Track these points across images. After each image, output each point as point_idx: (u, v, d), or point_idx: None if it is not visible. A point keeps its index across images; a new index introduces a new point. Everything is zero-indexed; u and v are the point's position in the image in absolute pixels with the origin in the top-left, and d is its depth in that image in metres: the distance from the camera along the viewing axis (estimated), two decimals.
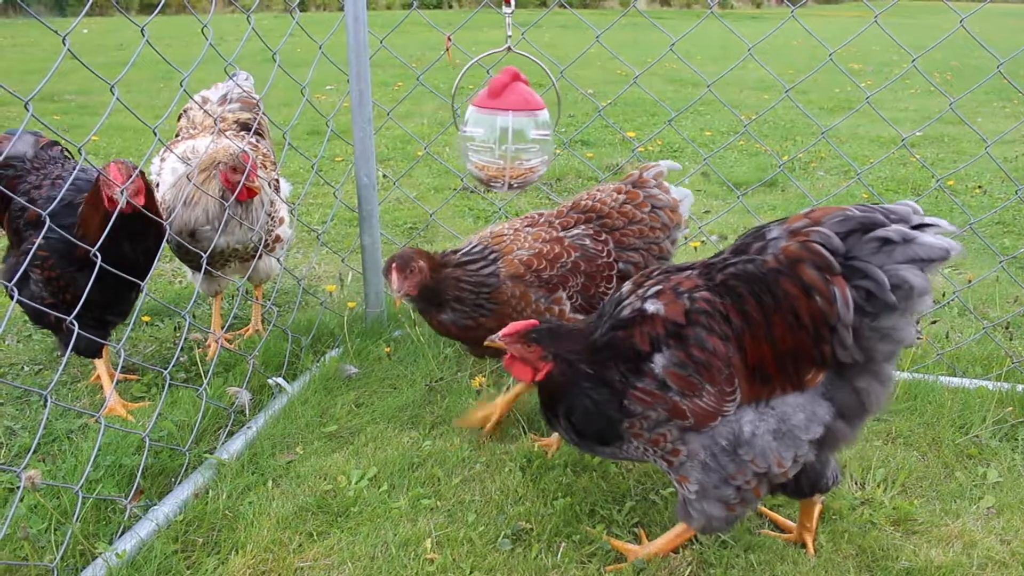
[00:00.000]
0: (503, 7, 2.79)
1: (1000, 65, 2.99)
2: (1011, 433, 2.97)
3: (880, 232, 1.82)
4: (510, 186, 2.76)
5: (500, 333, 2.21)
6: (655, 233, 2.85)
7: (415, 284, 2.64)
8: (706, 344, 1.96)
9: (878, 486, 2.68)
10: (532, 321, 2.22)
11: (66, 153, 3.39)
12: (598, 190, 2.93)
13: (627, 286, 2.17)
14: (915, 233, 1.82)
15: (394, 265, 2.62)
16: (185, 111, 3.90)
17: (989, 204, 5.93)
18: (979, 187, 6.46)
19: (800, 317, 1.89)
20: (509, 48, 2.86)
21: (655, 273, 2.15)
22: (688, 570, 2.32)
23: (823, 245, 1.85)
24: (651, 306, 2.04)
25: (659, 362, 2.01)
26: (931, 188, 4.94)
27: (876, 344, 1.89)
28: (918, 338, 1.97)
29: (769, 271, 1.92)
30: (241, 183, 3.22)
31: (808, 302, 1.88)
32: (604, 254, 2.78)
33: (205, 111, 3.68)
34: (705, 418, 2.00)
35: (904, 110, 10.07)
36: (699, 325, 1.97)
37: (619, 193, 2.88)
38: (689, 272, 2.08)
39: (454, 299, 2.69)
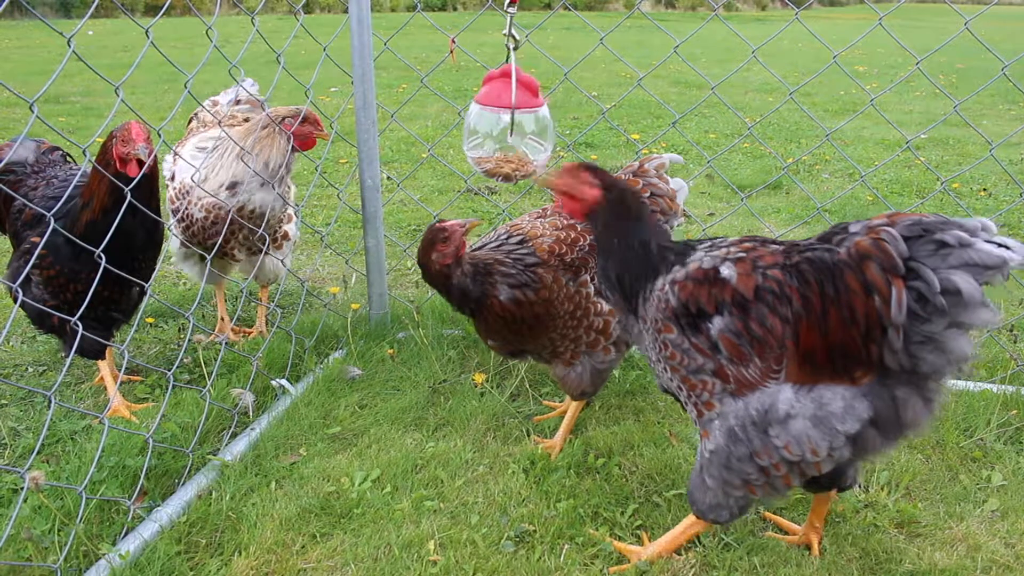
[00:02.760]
0: (507, 6, 2.75)
1: (1005, 67, 2.99)
2: (1015, 436, 2.96)
3: (938, 235, 1.83)
4: (507, 177, 2.76)
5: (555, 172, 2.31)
6: (655, 216, 2.88)
7: (457, 249, 2.58)
8: (766, 321, 1.99)
9: (882, 489, 2.67)
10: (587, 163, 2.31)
11: (67, 157, 3.41)
12: None
13: (731, 239, 2.20)
14: (972, 239, 1.81)
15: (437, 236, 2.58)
16: (195, 114, 3.94)
17: (994, 207, 5.91)
18: (984, 190, 6.44)
19: (855, 314, 1.90)
20: (512, 48, 2.83)
21: (751, 239, 2.17)
22: (691, 572, 2.32)
23: (892, 246, 1.85)
24: (726, 270, 2.06)
25: (717, 324, 2.03)
26: (936, 190, 4.93)
27: (924, 353, 1.88)
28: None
29: (838, 263, 1.94)
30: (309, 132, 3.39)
31: (866, 300, 1.88)
32: None
33: (210, 112, 3.70)
34: (745, 386, 2.03)
35: (909, 112, 10.05)
36: (764, 303, 1.99)
37: None
38: (775, 248, 2.10)
39: (501, 274, 2.64)
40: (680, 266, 2.14)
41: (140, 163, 2.76)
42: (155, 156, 2.84)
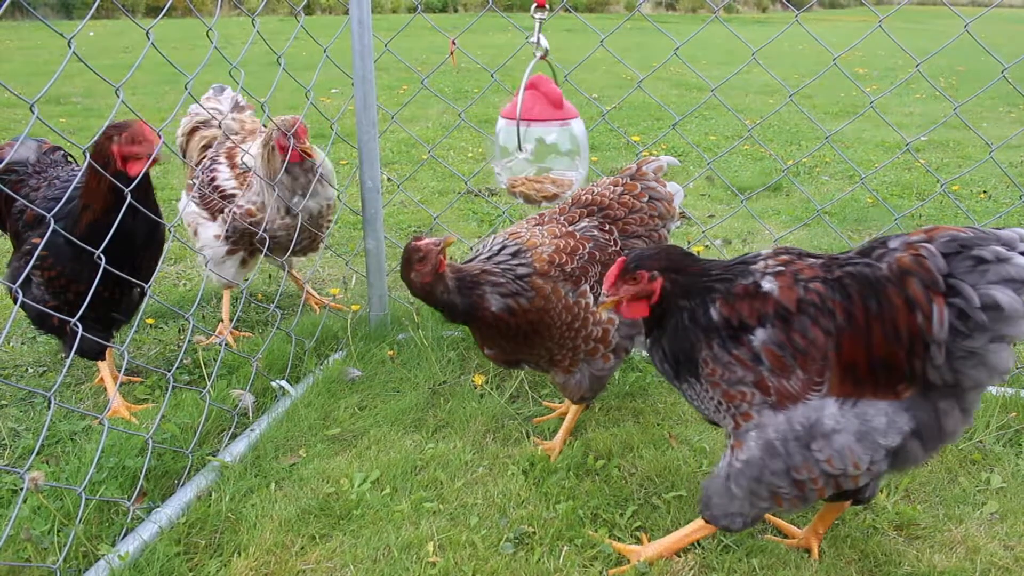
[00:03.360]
0: (534, 11, 2.72)
1: (1005, 70, 2.99)
2: (1015, 438, 2.96)
3: (976, 251, 1.85)
4: (527, 198, 2.72)
5: (603, 289, 2.20)
6: (654, 221, 2.88)
7: (432, 269, 2.53)
8: (808, 333, 2.00)
9: (881, 491, 2.67)
10: (620, 259, 2.19)
11: (69, 157, 3.41)
12: (595, 185, 2.94)
13: (764, 252, 2.19)
14: (1010, 254, 1.83)
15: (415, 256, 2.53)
16: (204, 123, 3.94)
17: (994, 209, 5.92)
18: (984, 192, 6.45)
19: (898, 329, 1.92)
20: (539, 55, 2.80)
21: (786, 252, 2.16)
22: (691, 574, 2.32)
23: (931, 262, 1.87)
24: (767, 284, 2.06)
25: (760, 336, 2.03)
26: (935, 193, 4.93)
27: (966, 368, 1.90)
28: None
29: (880, 278, 1.95)
30: (291, 146, 3.48)
31: (908, 316, 1.90)
32: (612, 243, 2.79)
33: (223, 119, 3.72)
34: (786, 398, 2.03)
35: (909, 115, 10.06)
36: (806, 315, 2.00)
37: (616, 186, 2.89)
38: (814, 261, 2.11)
39: (491, 284, 2.58)
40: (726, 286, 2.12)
41: (148, 162, 2.75)
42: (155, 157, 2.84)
